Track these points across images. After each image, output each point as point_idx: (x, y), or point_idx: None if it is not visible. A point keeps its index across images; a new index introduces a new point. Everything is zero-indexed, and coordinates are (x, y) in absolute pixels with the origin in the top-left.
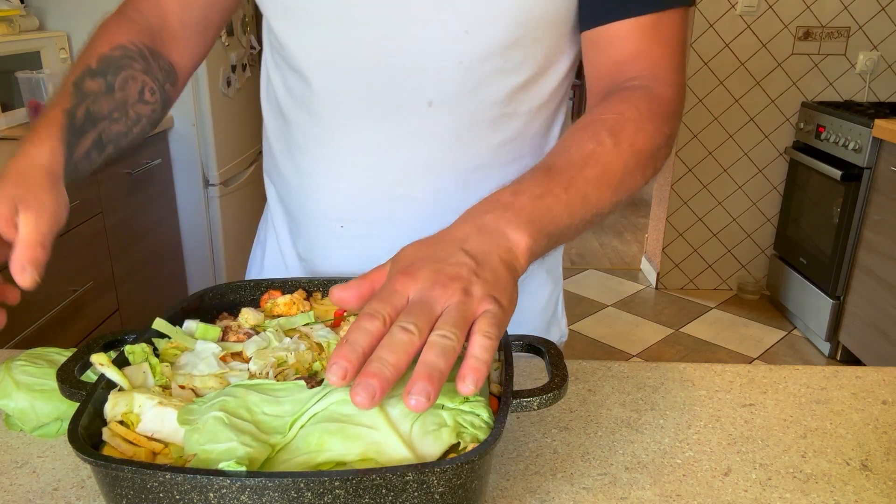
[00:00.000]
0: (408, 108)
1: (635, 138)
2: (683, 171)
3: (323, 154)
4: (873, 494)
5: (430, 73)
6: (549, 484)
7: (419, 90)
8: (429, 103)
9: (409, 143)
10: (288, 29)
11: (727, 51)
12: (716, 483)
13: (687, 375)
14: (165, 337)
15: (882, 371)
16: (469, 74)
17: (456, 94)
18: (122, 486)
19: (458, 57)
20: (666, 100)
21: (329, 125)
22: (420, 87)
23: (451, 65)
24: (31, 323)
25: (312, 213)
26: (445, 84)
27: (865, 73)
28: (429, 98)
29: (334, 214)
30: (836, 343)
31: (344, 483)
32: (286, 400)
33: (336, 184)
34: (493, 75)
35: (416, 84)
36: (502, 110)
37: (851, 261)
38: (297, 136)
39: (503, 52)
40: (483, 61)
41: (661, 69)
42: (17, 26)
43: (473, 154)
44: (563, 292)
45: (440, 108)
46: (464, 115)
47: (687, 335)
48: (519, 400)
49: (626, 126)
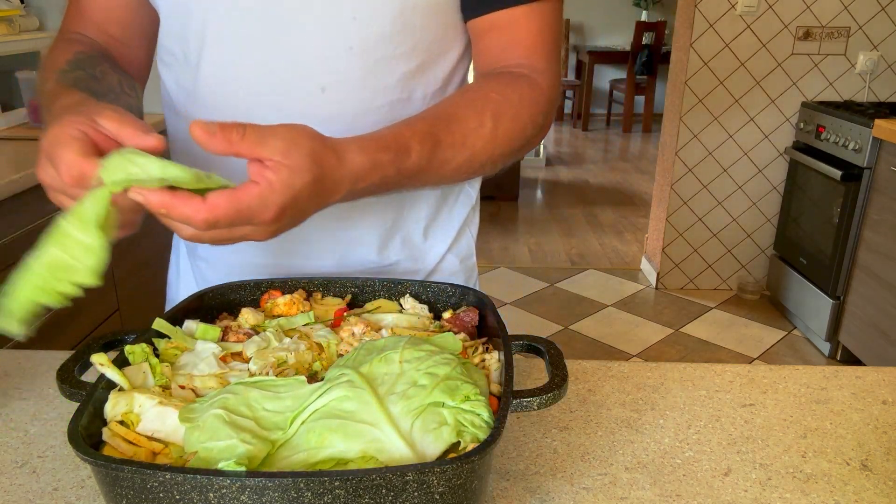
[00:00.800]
0: (301, 94)
1: (512, 126)
2: (683, 171)
3: None
4: (873, 494)
5: (321, 60)
6: (549, 484)
7: (311, 76)
8: (322, 89)
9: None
10: (175, 20)
11: (727, 51)
12: (716, 483)
13: (687, 375)
14: (165, 337)
15: (882, 371)
16: (359, 60)
17: (347, 80)
18: (122, 486)
19: (348, 42)
20: (544, 88)
21: (222, 115)
22: (312, 73)
23: (341, 51)
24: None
25: None
26: (337, 70)
27: (865, 73)
28: (321, 84)
29: None
30: (836, 343)
31: (344, 483)
32: (287, 396)
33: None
34: (384, 61)
35: (308, 70)
36: (397, 95)
37: (851, 261)
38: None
39: (392, 39)
40: (372, 47)
41: (538, 58)
42: (17, 26)
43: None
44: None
45: (333, 94)
46: (358, 101)
47: (687, 335)
48: (519, 400)
49: (507, 111)
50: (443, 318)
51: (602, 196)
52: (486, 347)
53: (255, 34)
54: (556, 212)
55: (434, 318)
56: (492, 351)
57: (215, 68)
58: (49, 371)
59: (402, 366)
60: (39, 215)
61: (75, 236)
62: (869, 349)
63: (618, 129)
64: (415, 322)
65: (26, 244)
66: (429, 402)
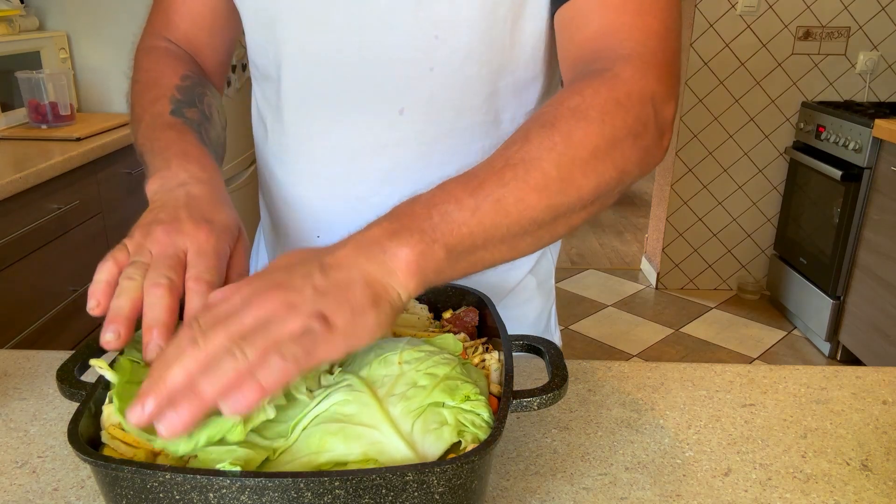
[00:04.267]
0: (378, 115)
1: (574, 131)
2: (683, 171)
3: (295, 163)
4: (873, 494)
5: (401, 80)
6: (549, 484)
7: (390, 98)
8: (400, 111)
9: (382, 152)
10: (259, 34)
11: (727, 51)
12: (716, 483)
13: (687, 375)
14: None
15: (882, 371)
16: (440, 81)
17: (427, 101)
18: (122, 486)
19: (430, 63)
20: (630, 80)
21: (298, 135)
22: (389, 94)
23: (422, 72)
24: (31, 323)
25: (293, 223)
26: (416, 91)
27: (865, 73)
28: (400, 106)
29: (310, 225)
30: (836, 343)
31: (344, 483)
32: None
33: (308, 193)
34: (467, 82)
35: (387, 92)
36: (481, 117)
37: (851, 261)
38: (273, 146)
39: (477, 58)
40: (457, 68)
41: (632, 44)
42: (17, 26)
43: (451, 161)
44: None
45: (411, 116)
46: (437, 123)
47: (687, 335)
48: (519, 400)
49: (563, 118)
50: (443, 318)
51: None
52: (486, 347)
53: (336, 54)
54: None
55: (434, 318)
56: (492, 351)
57: (294, 85)
58: (49, 371)
59: (402, 367)
60: (39, 215)
61: None
62: (869, 349)
63: None
64: (415, 322)
65: (26, 244)
66: (429, 403)
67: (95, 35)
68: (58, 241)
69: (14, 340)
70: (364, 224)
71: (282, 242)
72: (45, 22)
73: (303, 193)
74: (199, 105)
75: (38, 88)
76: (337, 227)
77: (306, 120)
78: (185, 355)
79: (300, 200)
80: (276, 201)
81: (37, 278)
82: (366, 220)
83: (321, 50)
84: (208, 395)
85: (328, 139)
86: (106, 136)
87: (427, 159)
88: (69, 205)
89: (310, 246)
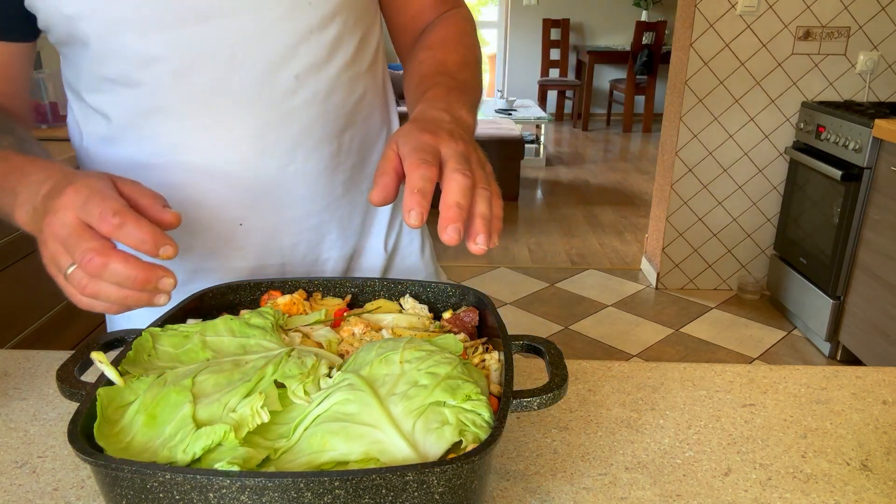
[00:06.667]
0: (276, 86)
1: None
2: (683, 171)
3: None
4: (873, 494)
5: (291, 48)
6: (549, 484)
7: (286, 66)
8: (296, 76)
9: (285, 121)
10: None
11: (727, 51)
12: (716, 483)
13: (687, 375)
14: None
15: (882, 371)
16: (319, 43)
17: (314, 64)
18: (122, 486)
19: (309, 28)
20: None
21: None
22: (284, 63)
23: (302, 37)
24: (31, 323)
25: (208, 215)
26: (306, 56)
27: (865, 73)
28: (295, 72)
29: (232, 213)
30: (836, 343)
31: (344, 483)
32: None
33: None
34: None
35: (280, 61)
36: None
37: (851, 261)
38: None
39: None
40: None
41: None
42: None
43: (339, 116)
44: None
45: (306, 81)
46: (325, 83)
47: (687, 335)
48: (519, 400)
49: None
50: (443, 318)
51: (602, 196)
52: (486, 347)
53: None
54: (556, 212)
55: (434, 318)
56: (492, 351)
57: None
58: (49, 371)
59: (403, 366)
60: None
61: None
62: (869, 349)
63: (618, 128)
64: (415, 322)
65: (26, 244)
66: (430, 402)
67: None
68: None
69: (14, 340)
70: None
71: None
72: None
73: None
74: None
75: (38, 88)
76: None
77: (196, 112)
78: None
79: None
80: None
81: (37, 278)
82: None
83: (192, 39)
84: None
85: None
86: None
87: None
88: None
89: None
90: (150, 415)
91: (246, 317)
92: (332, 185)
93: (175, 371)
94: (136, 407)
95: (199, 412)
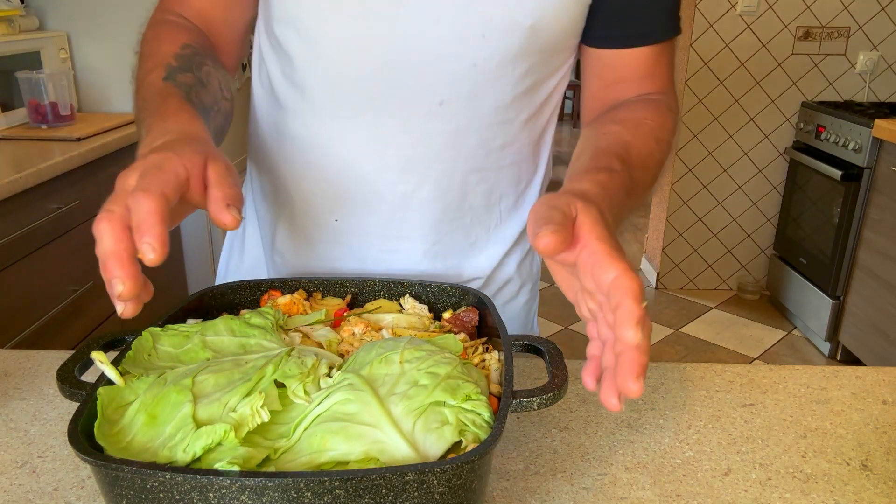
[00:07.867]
0: (416, 106)
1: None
2: (683, 171)
3: (318, 144)
4: (873, 494)
5: (444, 74)
6: (549, 484)
7: (431, 89)
8: (440, 103)
9: (412, 141)
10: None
11: (727, 51)
12: (716, 483)
13: (687, 375)
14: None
15: (882, 371)
16: (480, 78)
17: (467, 96)
18: (122, 486)
19: (473, 59)
20: (675, 112)
21: (327, 116)
22: (432, 86)
23: (465, 67)
24: (31, 323)
25: (302, 203)
26: (458, 85)
27: (865, 73)
28: (441, 98)
29: (328, 206)
30: (836, 343)
31: (344, 483)
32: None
33: (331, 175)
34: (501, 81)
35: (428, 83)
36: (504, 115)
37: (851, 261)
38: (290, 122)
39: (513, 59)
40: (495, 66)
41: (668, 87)
42: (17, 26)
43: (472, 156)
44: None
45: (450, 109)
46: (469, 117)
47: (687, 335)
48: (519, 400)
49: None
50: (443, 318)
51: None
52: (486, 347)
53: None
54: None
55: (434, 318)
56: (492, 351)
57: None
58: (49, 371)
59: (403, 366)
60: (39, 215)
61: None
62: (869, 349)
63: None
64: (415, 322)
65: (26, 244)
66: (430, 402)
67: (95, 35)
68: (58, 241)
69: (14, 340)
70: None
71: (284, 226)
72: (46, 22)
73: (320, 174)
74: (196, 72)
75: (39, 88)
76: (355, 211)
77: (338, 102)
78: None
79: (315, 180)
80: (281, 179)
81: (37, 278)
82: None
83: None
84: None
85: (356, 124)
86: (106, 136)
87: (453, 152)
88: (69, 205)
89: (326, 229)
90: (151, 414)
91: (246, 317)
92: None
93: (175, 371)
94: (137, 407)
95: (199, 412)
